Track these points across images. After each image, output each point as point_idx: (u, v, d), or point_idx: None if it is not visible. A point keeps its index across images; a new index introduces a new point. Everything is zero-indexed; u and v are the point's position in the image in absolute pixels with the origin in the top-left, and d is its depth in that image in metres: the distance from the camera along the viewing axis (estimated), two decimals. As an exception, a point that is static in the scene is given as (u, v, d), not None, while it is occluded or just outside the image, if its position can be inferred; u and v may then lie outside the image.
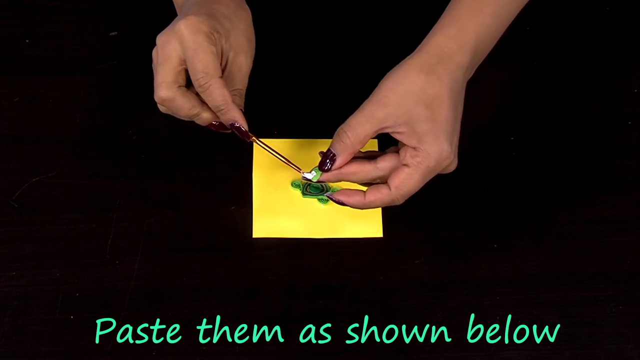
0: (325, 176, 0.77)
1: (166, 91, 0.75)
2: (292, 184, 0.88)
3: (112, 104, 0.91)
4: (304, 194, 0.88)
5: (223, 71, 0.77)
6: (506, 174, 0.90)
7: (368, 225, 0.87)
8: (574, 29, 0.98)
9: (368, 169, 0.76)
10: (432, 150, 0.73)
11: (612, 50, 0.97)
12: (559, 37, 0.97)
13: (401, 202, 0.76)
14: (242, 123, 0.76)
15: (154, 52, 0.76)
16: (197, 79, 0.74)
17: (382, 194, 0.75)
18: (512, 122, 0.92)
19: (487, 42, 0.78)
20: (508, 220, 0.88)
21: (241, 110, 0.77)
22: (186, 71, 0.76)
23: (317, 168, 0.77)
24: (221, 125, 0.78)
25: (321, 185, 0.87)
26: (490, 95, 0.77)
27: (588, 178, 0.90)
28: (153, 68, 0.76)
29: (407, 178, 0.74)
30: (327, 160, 0.76)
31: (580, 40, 0.97)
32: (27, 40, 0.93)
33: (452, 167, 0.76)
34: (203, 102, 0.76)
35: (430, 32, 0.77)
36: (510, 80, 0.95)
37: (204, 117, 0.77)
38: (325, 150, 0.76)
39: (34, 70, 0.93)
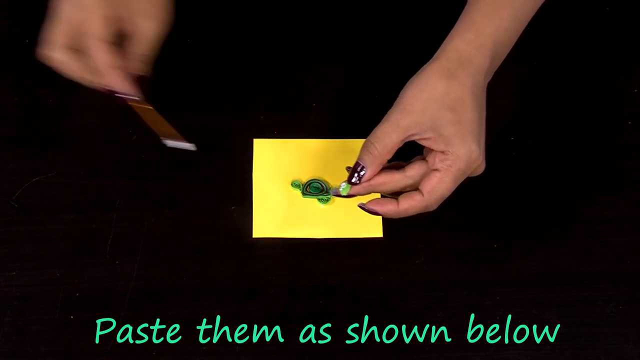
0: (355, 189, 0.76)
1: (57, 53, 0.76)
2: (292, 184, 0.88)
3: (112, 104, 0.91)
4: (304, 194, 0.88)
5: (122, 36, 0.77)
6: (506, 174, 0.90)
7: (368, 225, 0.87)
8: (574, 30, 0.98)
9: (397, 178, 0.75)
10: (461, 152, 0.73)
11: (613, 51, 0.97)
12: (559, 38, 0.97)
13: (435, 207, 0.75)
14: (120, 87, 0.76)
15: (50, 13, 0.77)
16: (83, 41, 0.75)
17: (415, 201, 0.75)
18: (512, 122, 0.92)
19: (505, 44, 0.77)
20: (508, 220, 0.88)
21: (141, 75, 0.77)
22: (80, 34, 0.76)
23: (345, 181, 0.76)
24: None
25: (321, 185, 0.87)
26: (490, 96, 0.77)
27: (588, 178, 0.90)
28: (46, 27, 0.77)
29: (439, 182, 0.73)
30: (356, 174, 0.75)
31: (580, 40, 0.97)
32: (27, 40, 0.93)
33: (481, 169, 0.75)
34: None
35: (448, 37, 0.76)
36: (510, 81, 0.94)
37: (90, 80, 0.78)
38: (351, 165, 0.76)
39: (34, 70, 0.92)
